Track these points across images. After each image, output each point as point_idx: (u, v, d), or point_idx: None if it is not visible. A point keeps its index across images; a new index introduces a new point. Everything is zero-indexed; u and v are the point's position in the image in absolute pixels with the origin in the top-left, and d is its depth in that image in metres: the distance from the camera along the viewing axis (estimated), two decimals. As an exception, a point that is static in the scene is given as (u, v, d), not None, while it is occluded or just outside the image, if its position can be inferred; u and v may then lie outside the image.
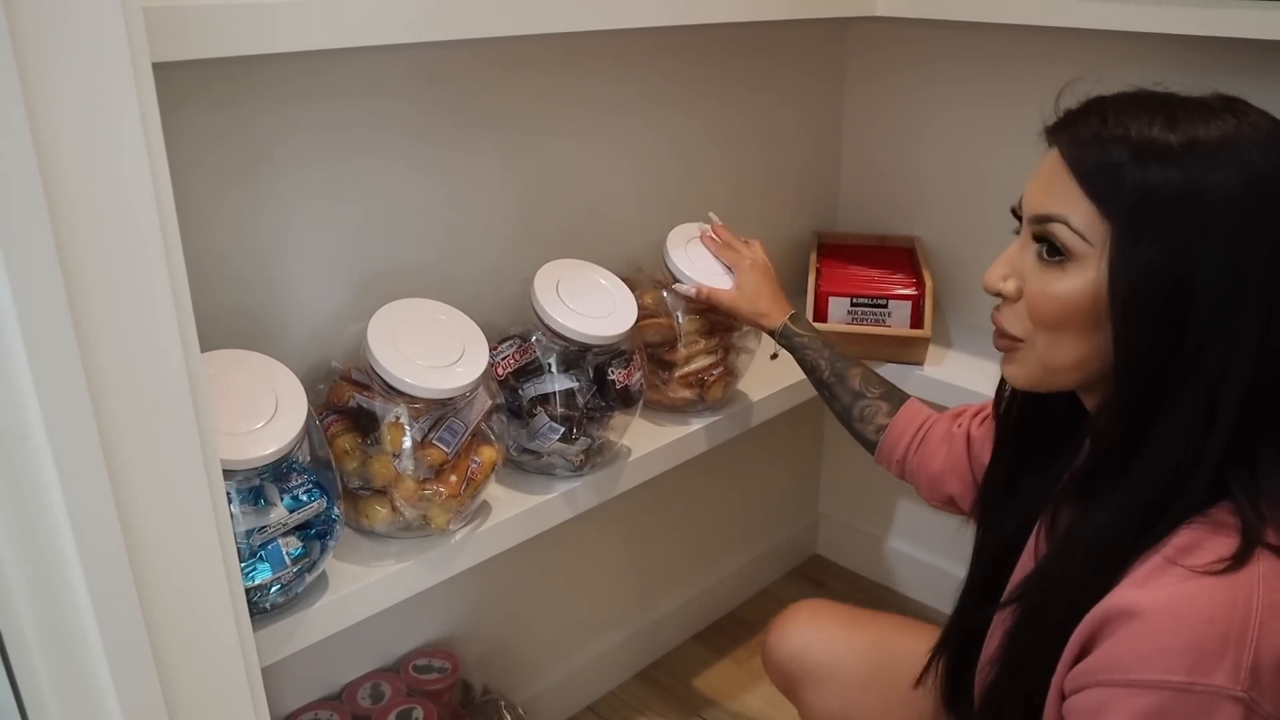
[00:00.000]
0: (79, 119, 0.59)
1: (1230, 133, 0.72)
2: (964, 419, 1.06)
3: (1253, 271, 0.70)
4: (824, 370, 1.13)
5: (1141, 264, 0.72)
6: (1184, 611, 0.66)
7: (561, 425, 1.05)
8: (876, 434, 1.11)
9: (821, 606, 1.14)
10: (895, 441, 1.09)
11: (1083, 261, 0.74)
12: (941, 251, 1.56)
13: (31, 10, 0.56)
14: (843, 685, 1.06)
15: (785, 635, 1.11)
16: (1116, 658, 0.67)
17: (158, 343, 0.65)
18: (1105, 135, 0.74)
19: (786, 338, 1.15)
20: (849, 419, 1.13)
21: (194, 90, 0.91)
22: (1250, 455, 0.72)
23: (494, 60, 1.14)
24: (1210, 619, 0.65)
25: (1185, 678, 0.64)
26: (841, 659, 1.07)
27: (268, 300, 1.02)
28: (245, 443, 0.83)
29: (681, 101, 1.37)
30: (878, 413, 1.11)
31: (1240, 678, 0.64)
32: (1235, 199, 0.70)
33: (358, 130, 1.04)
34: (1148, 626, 0.66)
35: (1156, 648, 0.66)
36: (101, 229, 0.61)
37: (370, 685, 1.22)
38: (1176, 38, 1.07)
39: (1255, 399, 0.71)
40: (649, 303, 1.20)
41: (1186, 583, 0.68)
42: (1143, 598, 0.68)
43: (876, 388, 1.12)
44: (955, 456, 1.04)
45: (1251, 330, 0.71)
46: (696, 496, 1.62)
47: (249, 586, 0.82)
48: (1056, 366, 0.78)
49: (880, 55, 1.57)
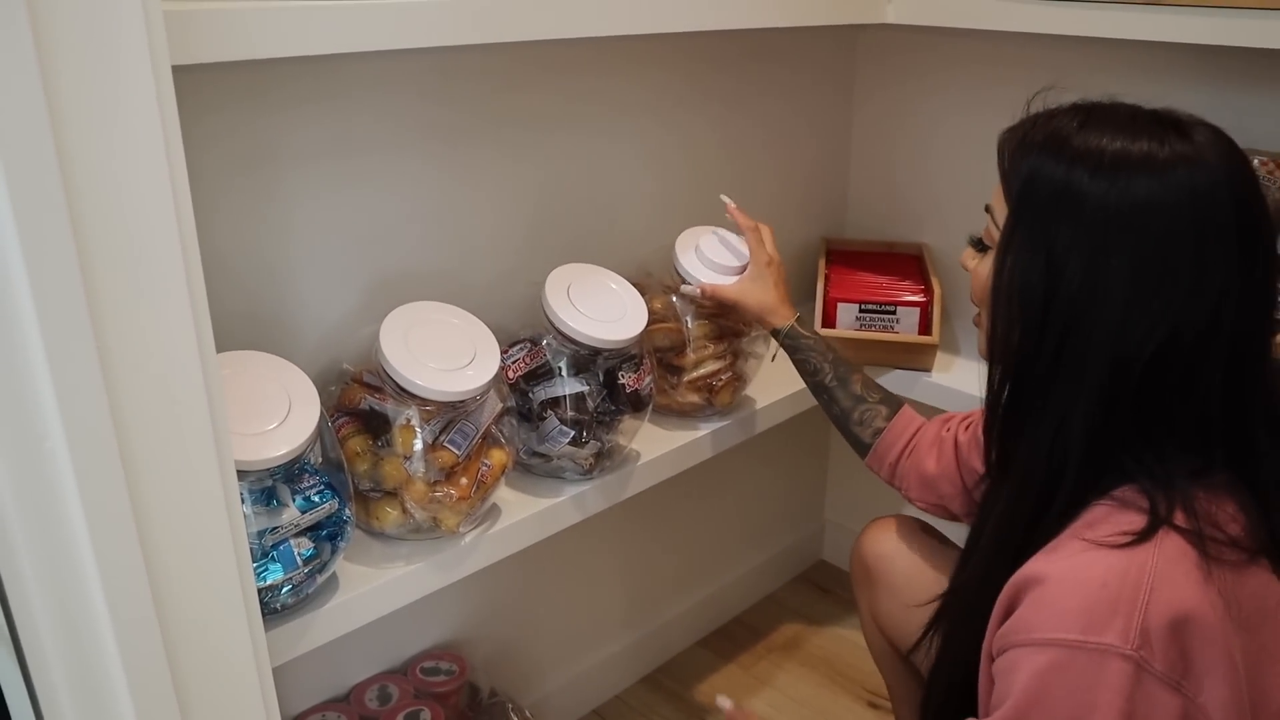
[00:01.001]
0: (99, 122, 0.59)
1: (1138, 151, 0.76)
2: (952, 424, 1.11)
3: (1115, 286, 0.75)
4: (827, 374, 1.16)
5: (1015, 251, 0.80)
6: (1082, 576, 0.72)
7: (571, 429, 1.05)
8: (873, 437, 1.14)
9: (921, 527, 1.19)
10: (890, 445, 1.13)
11: (995, 246, 0.83)
12: (950, 258, 1.56)
13: (55, 13, 0.56)
14: (910, 600, 1.11)
15: (883, 537, 1.18)
16: (1025, 620, 0.73)
17: (174, 344, 0.66)
18: (1029, 133, 0.81)
19: (792, 339, 1.17)
20: (847, 422, 1.15)
21: (209, 93, 0.92)
22: (1156, 443, 0.77)
23: (508, 64, 1.14)
24: (1104, 583, 0.70)
25: (1079, 635, 0.69)
26: (918, 579, 1.12)
27: (281, 302, 1.03)
28: (258, 443, 0.84)
29: (693, 108, 1.37)
30: (877, 416, 1.14)
31: (1130, 637, 0.68)
32: (1110, 212, 0.75)
33: (370, 133, 1.05)
34: (1049, 590, 0.72)
35: (1056, 609, 0.71)
36: (120, 231, 0.62)
37: (378, 687, 1.23)
38: (1190, 47, 1.07)
39: (1147, 394, 0.76)
40: (659, 307, 1.20)
41: (1087, 552, 0.74)
42: (1048, 566, 0.74)
43: (876, 393, 1.15)
44: (946, 461, 1.08)
45: (1110, 337, 0.76)
46: (703, 501, 1.62)
47: (261, 587, 0.82)
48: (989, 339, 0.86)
49: (890, 62, 1.57)
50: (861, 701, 1.56)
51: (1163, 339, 0.74)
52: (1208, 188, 0.74)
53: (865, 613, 1.22)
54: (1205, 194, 0.74)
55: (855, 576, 1.23)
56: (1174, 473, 0.76)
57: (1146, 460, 0.76)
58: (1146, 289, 0.74)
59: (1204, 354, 0.75)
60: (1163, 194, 0.74)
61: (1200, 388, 0.76)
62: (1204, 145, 0.76)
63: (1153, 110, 0.79)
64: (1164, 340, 0.74)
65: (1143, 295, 0.74)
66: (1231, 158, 0.76)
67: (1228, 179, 0.75)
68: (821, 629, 1.72)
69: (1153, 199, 0.74)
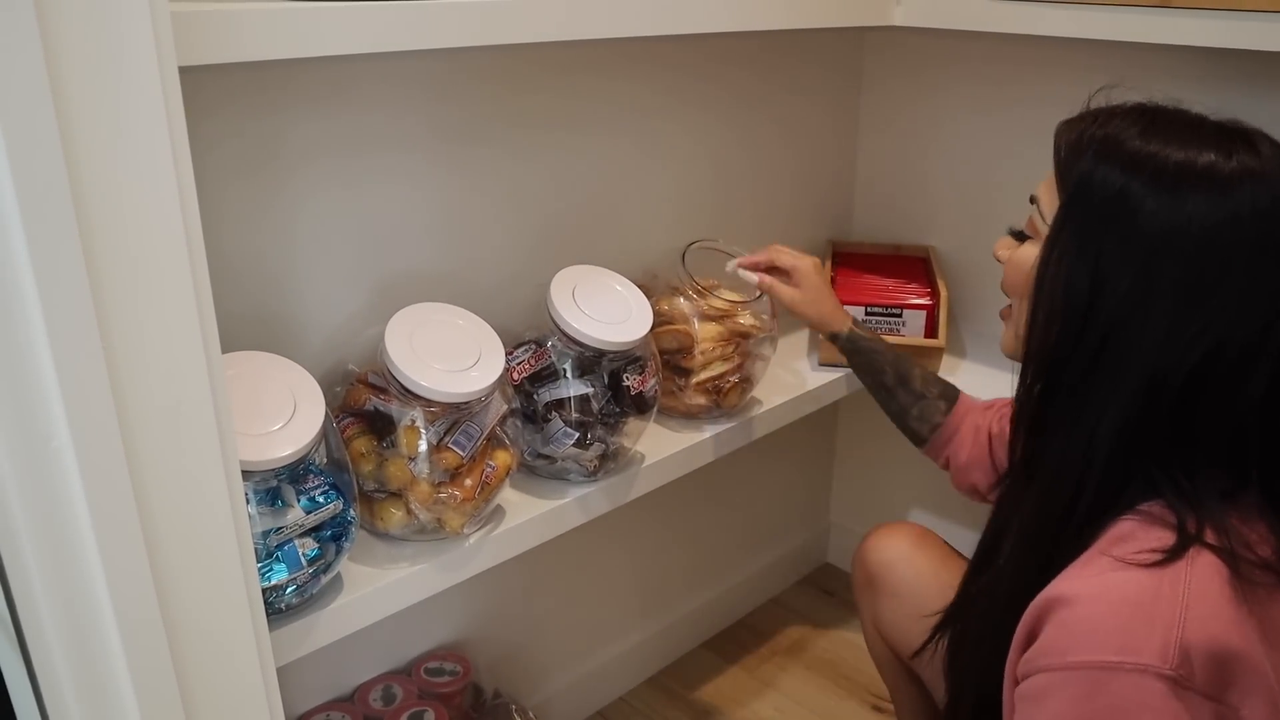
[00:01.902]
0: (106, 124, 0.60)
1: (1202, 164, 0.73)
2: (991, 412, 1.11)
3: (1162, 298, 0.73)
4: (888, 374, 1.16)
5: (1062, 249, 0.77)
6: (1114, 596, 0.69)
7: (576, 430, 1.05)
8: (931, 432, 1.15)
9: (924, 534, 1.19)
10: (948, 438, 1.14)
11: (1040, 239, 0.81)
12: (956, 261, 1.56)
13: (62, 15, 0.56)
14: (912, 609, 1.11)
15: (887, 544, 1.18)
16: (1054, 642, 0.71)
17: (179, 344, 0.66)
18: (1088, 130, 0.79)
19: (853, 342, 1.18)
20: (905, 418, 1.16)
21: (214, 93, 0.92)
22: (1186, 457, 0.75)
23: (515, 65, 1.14)
24: (1138, 602, 0.68)
25: (1115, 656, 0.67)
26: (923, 588, 1.12)
27: (286, 303, 1.03)
28: (263, 444, 0.84)
29: (699, 109, 1.37)
30: (936, 412, 1.15)
31: (1169, 656, 0.66)
32: (1166, 225, 0.72)
33: (377, 133, 1.05)
34: (1080, 611, 0.70)
35: (1088, 631, 0.69)
36: (126, 231, 0.62)
37: (382, 687, 1.23)
38: (1200, 50, 1.06)
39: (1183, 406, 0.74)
40: (666, 309, 1.20)
41: (1116, 571, 0.71)
42: (1076, 586, 0.71)
43: (935, 387, 1.16)
44: (979, 451, 1.09)
45: (1152, 346, 0.73)
46: (708, 503, 1.62)
47: (265, 587, 0.82)
48: (1021, 332, 0.84)
49: (897, 64, 1.57)
50: (866, 705, 1.56)
51: (1206, 352, 0.72)
52: (1270, 204, 0.71)
53: (867, 620, 1.21)
54: (1267, 211, 0.71)
55: (857, 583, 1.22)
56: (1202, 490, 0.73)
57: (1174, 473, 0.74)
58: (1195, 303, 0.72)
59: (1247, 371, 0.73)
60: (1224, 210, 0.71)
61: (1240, 404, 0.73)
62: (1269, 159, 0.73)
63: (1218, 121, 0.77)
64: (1208, 353, 0.72)
65: (1190, 309, 0.72)
66: None
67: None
68: (826, 632, 1.72)
69: (1213, 215, 0.71)
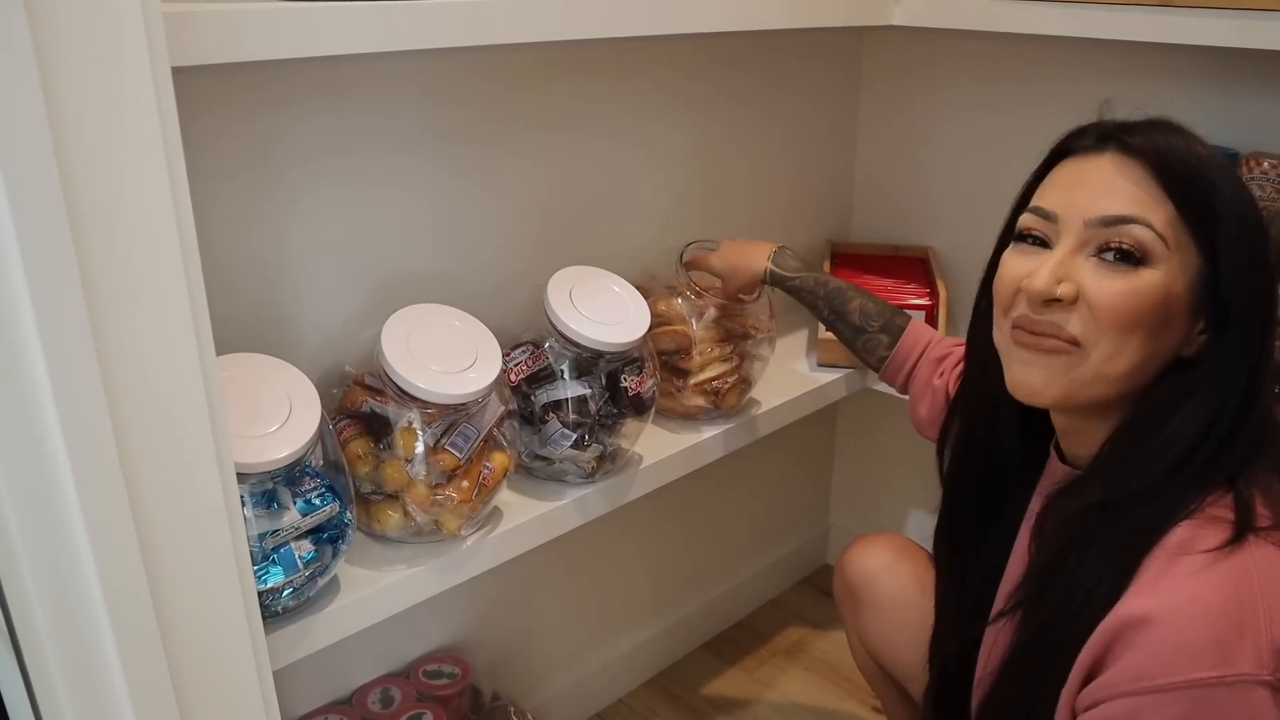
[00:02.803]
0: (99, 124, 0.59)
1: None
2: (945, 366, 1.10)
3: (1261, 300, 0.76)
4: (823, 309, 1.18)
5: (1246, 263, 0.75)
6: (1196, 608, 0.66)
7: (574, 432, 1.05)
8: (879, 364, 1.17)
9: (905, 544, 1.17)
10: (896, 371, 1.16)
11: (1158, 263, 0.74)
12: (955, 262, 1.56)
13: (53, 15, 0.56)
14: (898, 621, 1.10)
15: (867, 556, 1.16)
16: (1141, 665, 0.67)
17: (174, 346, 0.66)
18: (1191, 148, 0.76)
19: (778, 281, 1.18)
20: (854, 349, 1.19)
21: (208, 94, 0.92)
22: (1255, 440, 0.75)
23: (511, 65, 1.14)
24: (1224, 610, 0.66)
25: (1213, 672, 0.64)
26: (905, 599, 1.10)
27: (282, 305, 1.03)
28: (259, 446, 0.83)
29: (697, 110, 1.37)
30: (879, 346, 1.16)
31: (1264, 661, 0.64)
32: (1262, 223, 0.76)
33: (372, 134, 1.04)
34: (1164, 630, 0.67)
35: (1178, 649, 0.66)
36: (120, 232, 0.62)
37: (380, 690, 1.22)
38: (1199, 49, 1.06)
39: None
40: (664, 310, 1.20)
41: (1190, 581, 0.68)
42: (1152, 604, 0.68)
43: (875, 320, 1.16)
44: (936, 409, 1.08)
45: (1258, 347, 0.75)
46: (707, 505, 1.62)
47: (261, 589, 0.82)
48: (1109, 375, 0.76)
49: (896, 65, 1.57)
50: (866, 706, 1.55)
51: None
52: None
53: (852, 633, 1.19)
54: None
55: (839, 597, 1.20)
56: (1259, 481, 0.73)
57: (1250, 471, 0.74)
58: None
59: None
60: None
61: None
62: None
63: None
64: None
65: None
66: None
67: None
68: (825, 633, 1.72)
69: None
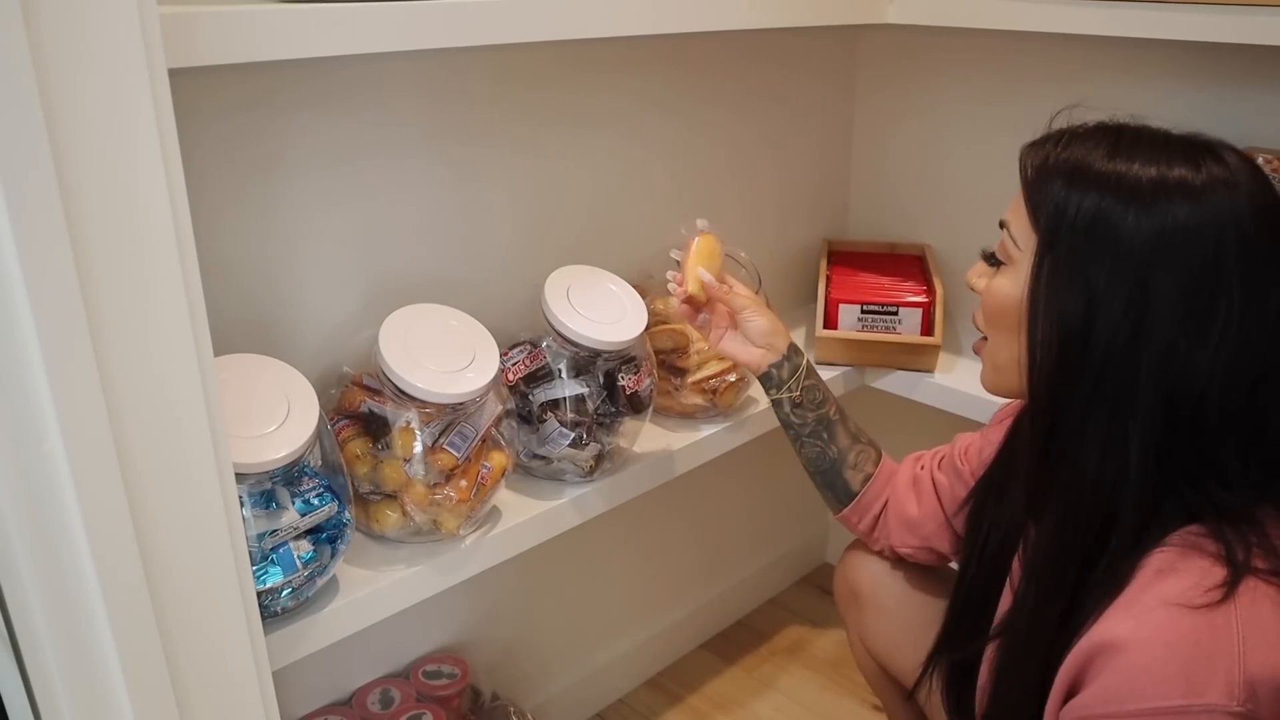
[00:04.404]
0: (96, 126, 0.59)
1: (1169, 179, 0.73)
2: (925, 462, 1.07)
3: (1159, 312, 0.72)
4: (832, 406, 1.07)
5: (1048, 279, 0.76)
6: (1169, 637, 0.67)
7: (571, 431, 1.05)
8: (862, 484, 1.08)
9: None
10: (877, 495, 1.08)
11: (1015, 266, 0.81)
12: (952, 259, 1.56)
13: (50, 17, 0.56)
14: (901, 624, 1.09)
15: (869, 556, 1.14)
16: (1110, 690, 0.68)
17: (172, 347, 0.66)
18: (1054, 153, 0.78)
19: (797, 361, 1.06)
20: (841, 466, 1.07)
21: (206, 96, 0.92)
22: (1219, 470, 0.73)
23: (506, 67, 1.14)
24: (1195, 641, 0.66)
25: (1181, 700, 0.65)
26: (908, 602, 1.10)
27: (280, 305, 1.03)
28: (257, 446, 0.83)
29: (692, 109, 1.37)
30: (868, 460, 1.08)
31: (1234, 693, 0.64)
32: (1148, 241, 0.72)
33: (369, 136, 1.04)
34: (1136, 657, 0.67)
35: (1149, 676, 0.67)
36: (117, 234, 0.62)
37: (380, 690, 1.22)
38: (1194, 45, 1.07)
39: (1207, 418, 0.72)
40: (661, 309, 1.20)
41: (1163, 610, 0.68)
42: (1126, 628, 0.69)
43: (864, 434, 1.10)
44: (927, 501, 1.05)
45: (1161, 366, 0.72)
46: (706, 504, 1.62)
47: (260, 590, 0.82)
48: (999, 365, 0.84)
49: (891, 62, 1.57)
50: (866, 705, 1.55)
51: (1219, 362, 0.71)
52: (1247, 209, 0.72)
53: (854, 635, 1.18)
54: (1246, 216, 0.72)
55: (840, 599, 1.19)
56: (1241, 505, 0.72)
57: (1209, 488, 0.73)
58: (1194, 313, 0.71)
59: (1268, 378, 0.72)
60: (1202, 217, 0.71)
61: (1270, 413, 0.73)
62: (1236, 168, 0.74)
63: (1181, 135, 0.77)
64: (1227, 365, 0.71)
65: (1191, 320, 0.71)
66: (1261, 180, 0.74)
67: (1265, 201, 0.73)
68: (825, 632, 1.72)
69: (1193, 221, 0.71)
